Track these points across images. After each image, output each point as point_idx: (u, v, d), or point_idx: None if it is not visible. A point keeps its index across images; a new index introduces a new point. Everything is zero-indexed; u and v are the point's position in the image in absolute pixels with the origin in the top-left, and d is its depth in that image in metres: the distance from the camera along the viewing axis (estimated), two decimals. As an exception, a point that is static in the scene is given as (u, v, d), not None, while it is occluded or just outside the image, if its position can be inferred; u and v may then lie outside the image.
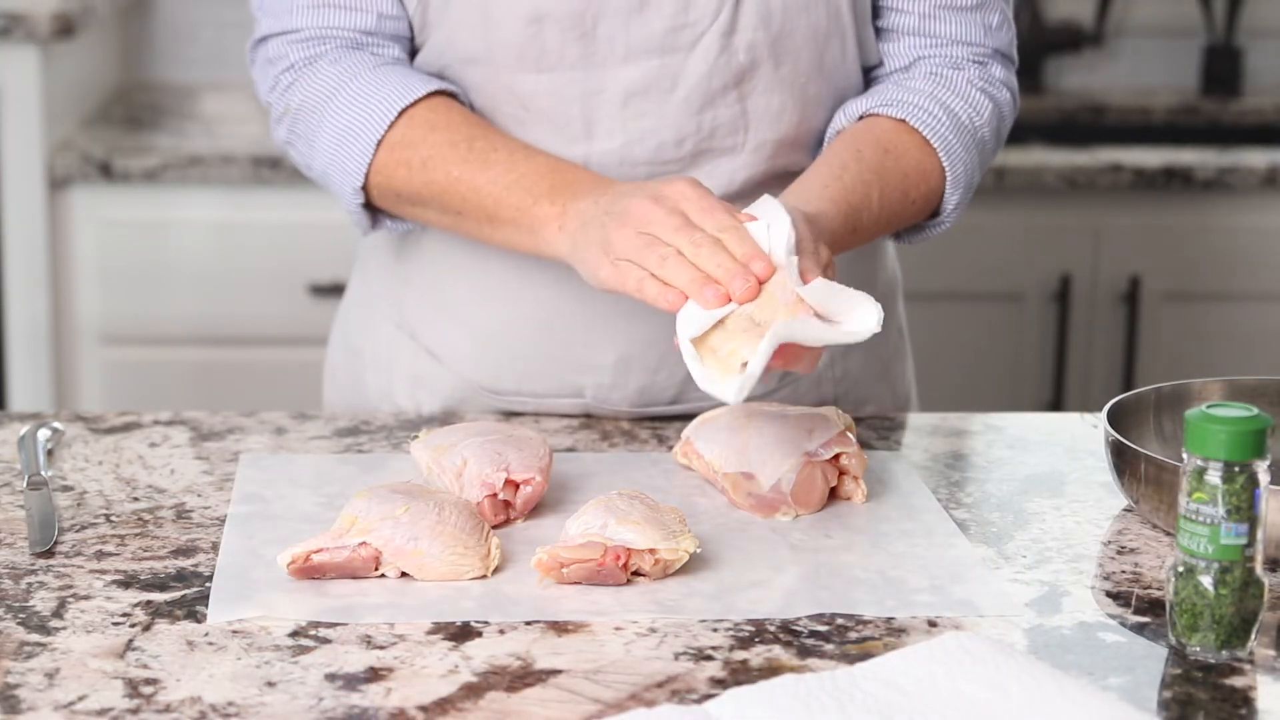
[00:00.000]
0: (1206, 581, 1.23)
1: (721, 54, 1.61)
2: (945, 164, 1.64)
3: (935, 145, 1.63)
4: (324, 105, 1.64)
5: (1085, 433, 1.69)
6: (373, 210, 1.67)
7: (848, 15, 1.64)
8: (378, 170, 1.62)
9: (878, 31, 1.69)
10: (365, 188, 1.64)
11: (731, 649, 1.24)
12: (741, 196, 1.65)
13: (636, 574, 1.34)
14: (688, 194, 1.46)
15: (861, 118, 1.65)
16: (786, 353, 1.39)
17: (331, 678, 1.19)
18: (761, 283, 1.39)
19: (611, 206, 1.49)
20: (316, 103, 1.64)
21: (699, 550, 1.35)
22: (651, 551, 1.33)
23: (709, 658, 1.23)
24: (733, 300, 1.39)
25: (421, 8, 1.64)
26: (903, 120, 1.63)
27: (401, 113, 1.61)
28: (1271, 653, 1.26)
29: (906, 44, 1.69)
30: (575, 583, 1.33)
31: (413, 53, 1.68)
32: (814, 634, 1.27)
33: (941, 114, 1.64)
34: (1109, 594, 1.35)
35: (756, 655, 1.23)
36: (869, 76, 1.71)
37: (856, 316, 1.39)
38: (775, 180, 1.65)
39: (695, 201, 1.45)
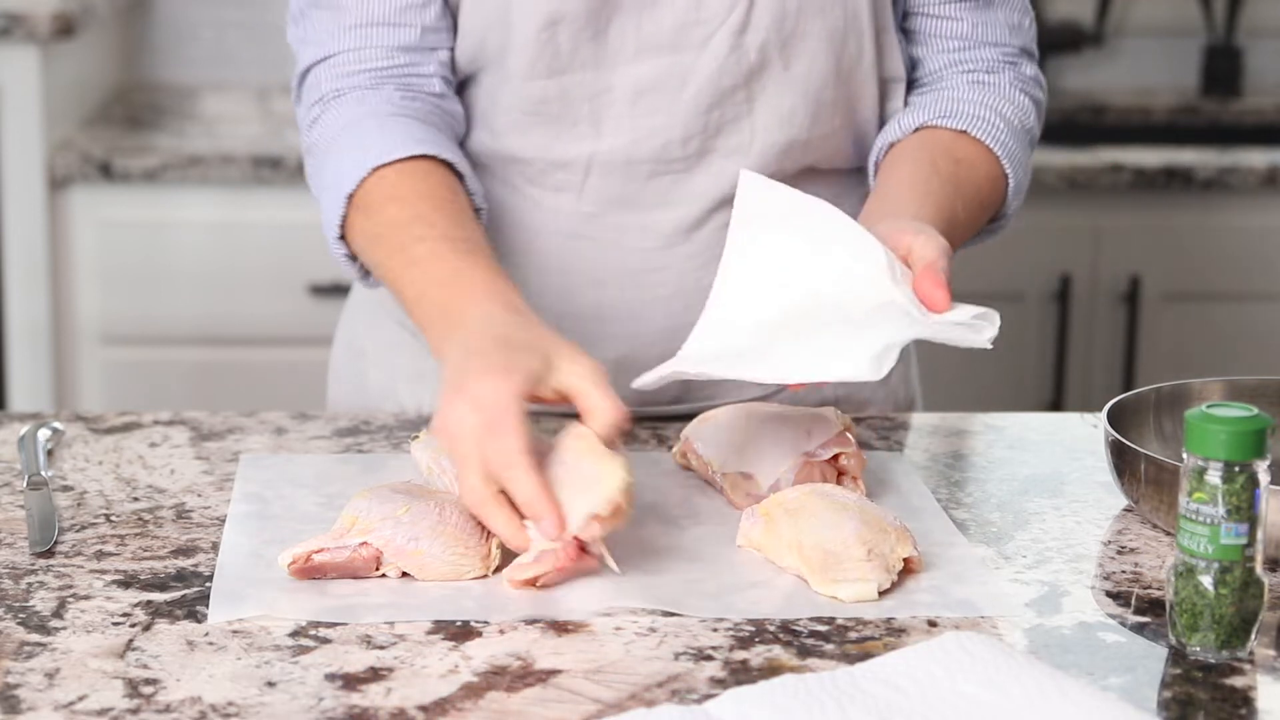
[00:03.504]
0: (1206, 581, 1.23)
1: (732, 53, 1.60)
2: (1009, 171, 1.65)
3: (998, 154, 1.64)
4: (325, 152, 1.61)
5: (1085, 433, 1.69)
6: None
7: (866, 18, 1.63)
8: (357, 251, 1.58)
9: (908, 35, 1.69)
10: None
11: (731, 649, 1.24)
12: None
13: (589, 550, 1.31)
14: (485, 420, 1.33)
15: (917, 130, 1.65)
16: None
17: (331, 678, 1.19)
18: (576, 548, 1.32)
19: (454, 381, 1.38)
20: (322, 148, 1.62)
21: (630, 479, 1.31)
22: (594, 518, 1.30)
23: (709, 658, 1.23)
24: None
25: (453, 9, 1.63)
26: (964, 131, 1.64)
27: (361, 185, 1.54)
28: (1271, 653, 1.26)
29: (936, 47, 1.69)
30: (559, 584, 1.32)
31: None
32: (814, 634, 1.27)
33: (998, 121, 1.65)
34: (1109, 594, 1.35)
35: (756, 655, 1.23)
36: (909, 81, 1.70)
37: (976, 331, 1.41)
38: (782, 183, 1.65)
39: (486, 432, 1.33)
